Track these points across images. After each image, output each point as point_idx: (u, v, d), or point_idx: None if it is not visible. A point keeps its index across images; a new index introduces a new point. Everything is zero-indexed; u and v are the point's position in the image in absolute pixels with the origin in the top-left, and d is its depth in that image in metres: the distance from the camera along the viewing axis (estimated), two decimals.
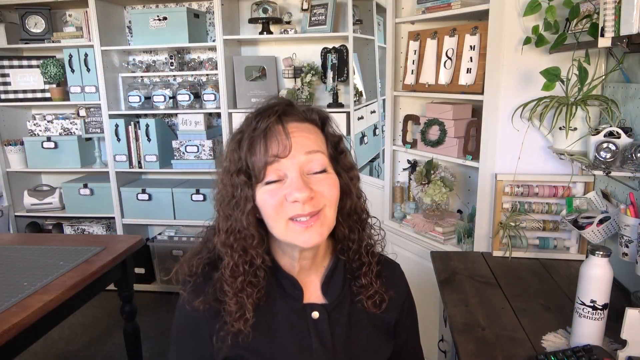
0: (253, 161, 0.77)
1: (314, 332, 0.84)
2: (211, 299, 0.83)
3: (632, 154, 1.25)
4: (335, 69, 2.85)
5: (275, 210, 0.77)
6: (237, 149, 0.80)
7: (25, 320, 1.42)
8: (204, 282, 0.85)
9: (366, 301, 0.88)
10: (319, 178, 0.78)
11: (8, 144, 3.19)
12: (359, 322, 0.89)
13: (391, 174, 2.24)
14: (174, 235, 3.30)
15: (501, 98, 1.65)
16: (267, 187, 0.77)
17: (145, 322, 2.80)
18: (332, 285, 0.88)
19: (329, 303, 0.87)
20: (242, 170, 0.79)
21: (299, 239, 0.77)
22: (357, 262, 0.89)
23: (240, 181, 0.79)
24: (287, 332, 0.84)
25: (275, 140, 0.77)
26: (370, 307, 0.88)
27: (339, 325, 0.86)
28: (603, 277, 1.01)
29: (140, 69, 3.20)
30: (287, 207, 0.76)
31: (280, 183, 0.77)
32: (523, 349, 1.13)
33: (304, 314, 0.85)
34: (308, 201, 0.75)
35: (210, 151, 3.03)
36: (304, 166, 0.77)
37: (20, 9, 3.03)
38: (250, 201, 0.79)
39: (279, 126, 0.77)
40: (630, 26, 1.07)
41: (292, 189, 0.75)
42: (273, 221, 0.78)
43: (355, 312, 0.89)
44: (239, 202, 0.79)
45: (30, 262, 1.81)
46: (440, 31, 1.91)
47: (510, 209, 1.64)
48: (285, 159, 0.76)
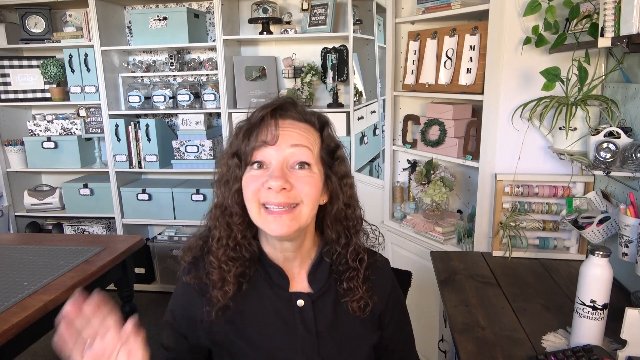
0: (244, 145, 0.85)
1: (300, 319, 0.90)
2: (202, 274, 0.90)
3: (632, 154, 1.25)
4: (335, 69, 2.85)
5: (253, 193, 0.83)
6: (237, 134, 0.88)
7: (25, 320, 1.42)
8: (198, 259, 0.92)
9: (350, 304, 0.92)
10: (300, 174, 0.83)
11: (8, 144, 3.19)
12: (344, 310, 0.93)
13: (391, 174, 2.25)
14: (174, 235, 3.29)
15: (501, 98, 1.65)
16: (252, 172, 0.84)
17: (145, 322, 2.80)
18: (317, 276, 0.93)
19: (314, 292, 0.92)
20: (236, 153, 0.87)
21: (268, 226, 0.83)
22: (344, 266, 0.93)
23: (233, 163, 0.87)
24: (274, 319, 0.90)
25: (266, 129, 0.84)
26: (355, 310, 0.92)
27: (323, 313, 0.91)
28: (603, 277, 1.01)
29: (140, 69, 3.20)
30: (262, 193, 0.82)
31: (264, 171, 0.83)
32: (523, 349, 1.13)
33: (289, 302, 0.90)
34: (281, 191, 0.81)
35: (210, 151, 3.03)
36: (288, 158, 0.83)
37: (21, 9, 3.03)
38: (238, 181, 0.86)
39: (272, 119, 0.84)
40: (630, 26, 1.07)
41: (269, 176, 0.81)
42: (249, 203, 0.85)
43: (340, 300, 0.93)
44: (229, 181, 0.88)
45: (30, 262, 1.81)
46: (440, 31, 1.91)
47: (510, 209, 1.64)
48: (272, 147, 0.83)
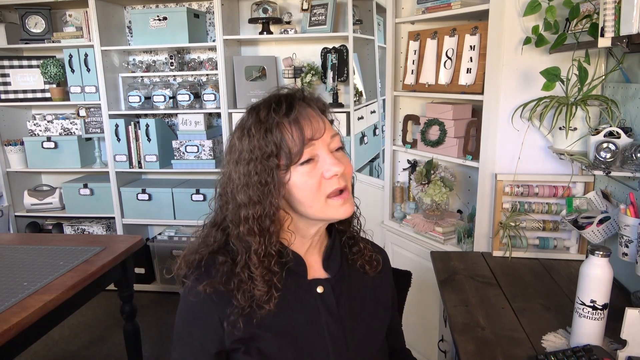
0: (287, 144, 0.80)
1: (322, 305, 0.89)
2: (217, 282, 0.83)
3: (632, 154, 1.25)
4: (335, 69, 2.85)
5: (315, 189, 0.82)
6: (265, 135, 0.80)
7: (25, 320, 1.42)
8: (207, 268, 0.86)
9: (364, 265, 0.97)
10: (340, 155, 0.86)
11: (8, 144, 3.19)
12: (360, 293, 0.96)
13: (391, 174, 2.25)
14: (174, 235, 3.30)
15: (501, 98, 1.65)
16: (302, 168, 0.82)
17: (145, 322, 2.80)
18: (332, 260, 0.94)
19: (331, 277, 0.93)
20: (272, 154, 0.80)
21: (339, 211, 0.84)
22: (350, 233, 0.98)
23: (273, 164, 0.80)
24: (297, 308, 0.89)
25: (308, 122, 0.82)
26: (368, 270, 0.97)
27: (342, 296, 0.92)
28: (603, 277, 1.01)
29: (140, 69, 3.20)
30: (325, 185, 0.82)
31: (314, 162, 0.82)
32: (523, 349, 1.13)
33: (309, 289, 0.90)
34: (342, 175, 0.83)
35: (210, 151, 3.03)
36: (330, 145, 0.84)
37: (21, 9, 3.03)
38: (284, 184, 0.82)
39: (309, 109, 0.83)
40: (630, 26, 1.07)
41: (329, 164, 0.81)
42: (311, 200, 0.83)
43: (356, 284, 0.96)
44: (274, 186, 0.81)
45: (30, 262, 1.81)
46: (440, 31, 1.91)
47: (510, 209, 1.64)
48: (318, 140, 0.82)
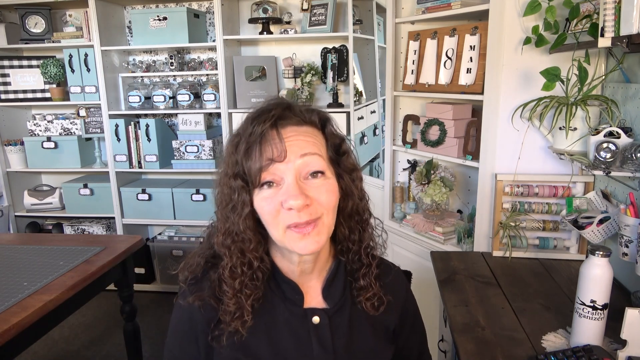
0: (249, 166, 0.76)
1: (315, 337, 0.84)
2: (206, 295, 0.82)
3: (632, 154, 1.25)
4: (335, 69, 2.85)
5: (273, 217, 0.76)
6: (234, 152, 0.79)
7: (25, 320, 1.42)
8: (201, 279, 0.85)
9: (365, 303, 0.87)
10: (316, 184, 0.77)
11: (8, 144, 3.19)
12: (359, 326, 0.88)
13: (391, 174, 2.24)
14: (174, 235, 3.29)
15: (501, 98, 1.65)
16: (264, 192, 0.77)
17: (145, 322, 2.81)
18: (333, 289, 0.87)
19: (330, 307, 0.86)
20: (239, 174, 0.78)
21: (297, 246, 0.76)
22: (357, 264, 0.88)
23: (237, 185, 0.78)
24: (288, 337, 0.83)
25: (269, 145, 0.75)
26: (369, 309, 0.88)
27: (340, 329, 0.86)
28: (603, 277, 1.01)
29: (140, 69, 3.20)
30: (284, 215, 0.75)
31: (277, 188, 0.76)
32: (523, 349, 1.13)
33: (304, 319, 0.84)
34: (304, 208, 0.74)
35: (210, 151, 3.03)
36: (300, 170, 0.76)
37: (20, 9, 3.04)
38: (247, 205, 0.78)
39: (273, 131, 0.76)
40: (630, 26, 1.07)
41: (287, 195, 0.74)
42: (270, 227, 0.78)
43: (356, 316, 0.88)
44: (236, 206, 0.79)
45: (30, 262, 1.81)
46: (440, 31, 1.91)
47: (510, 209, 1.64)
48: (281, 163, 0.75)
